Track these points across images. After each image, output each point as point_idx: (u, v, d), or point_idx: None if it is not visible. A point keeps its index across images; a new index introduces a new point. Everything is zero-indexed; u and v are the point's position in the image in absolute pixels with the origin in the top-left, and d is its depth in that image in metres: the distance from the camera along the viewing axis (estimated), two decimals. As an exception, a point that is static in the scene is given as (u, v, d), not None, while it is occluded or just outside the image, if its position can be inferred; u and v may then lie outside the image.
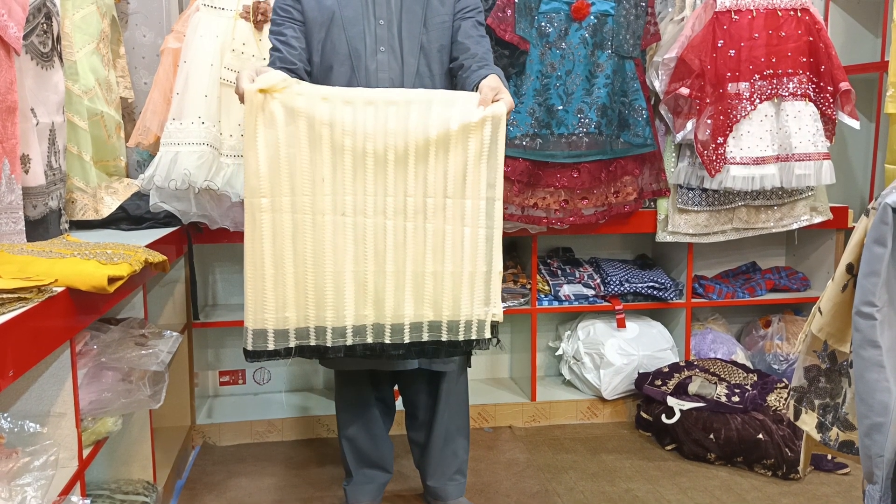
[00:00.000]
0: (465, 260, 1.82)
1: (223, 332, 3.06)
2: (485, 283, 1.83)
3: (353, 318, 1.82)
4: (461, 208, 1.81)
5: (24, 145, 1.80)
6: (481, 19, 2.14)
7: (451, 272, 1.82)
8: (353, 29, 2.03)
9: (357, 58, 2.03)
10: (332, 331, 1.82)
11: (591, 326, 3.08)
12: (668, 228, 2.94)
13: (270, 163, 1.76)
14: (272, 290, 1.79)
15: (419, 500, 2.40)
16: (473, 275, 1.82)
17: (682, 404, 2.73)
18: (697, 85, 2.73)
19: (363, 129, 1.78)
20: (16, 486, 1.25)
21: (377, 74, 2.03)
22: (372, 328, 1.83)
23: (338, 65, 2.03)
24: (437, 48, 2.07)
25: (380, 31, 2.04)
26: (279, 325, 1.81)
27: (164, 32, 2.80)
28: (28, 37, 1.83)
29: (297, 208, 1.78)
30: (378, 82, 2.02)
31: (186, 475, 2.59)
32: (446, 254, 1.82)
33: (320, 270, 1.80)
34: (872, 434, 1.18)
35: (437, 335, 1.84)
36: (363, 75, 2.03)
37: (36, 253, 1.57)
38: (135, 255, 1.68)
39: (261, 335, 1.82)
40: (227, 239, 2.68)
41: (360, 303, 1.82)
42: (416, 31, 2.05)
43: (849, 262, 1.26)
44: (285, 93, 1.76)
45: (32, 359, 1.29)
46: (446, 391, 2.23)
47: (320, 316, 1.82)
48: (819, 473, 2.57)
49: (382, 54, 2.04)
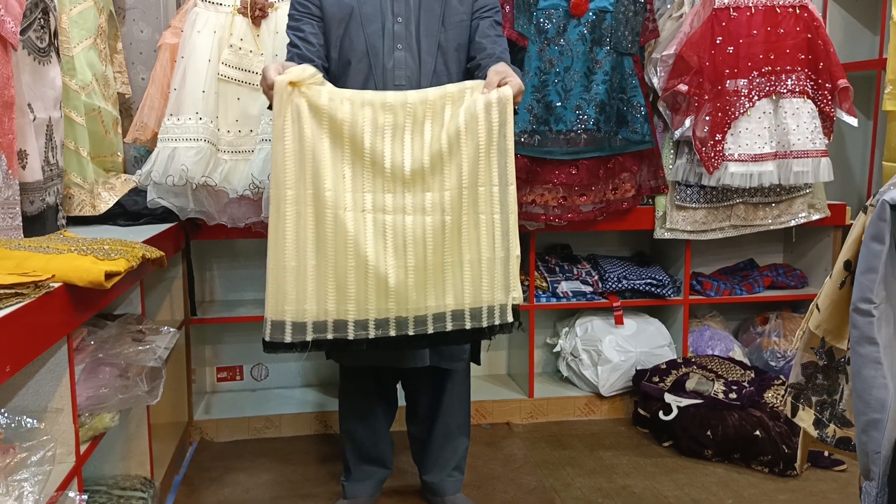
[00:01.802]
0: (482, 247, 1.82)
1: (220, 329, 3.06)
2: (503, 268, 1.83)
3: (375, 311, 1.81)
4: (475, 196, 1.82)
5: (22, 141, 1.80)
6: (499, 19, 2.14)
7: (469, 260, 1.83)
8: (371, 26, 2.04)
9: (375, 55, 2.04)
10: (354, 324, 1.81)
11: (588, 323, 3.08)
12: (666, 225, 2.94)
13: (296, 156, 1.77)
14: (293, 282, 1.78)
15: (417, 495, 2.40)
16: (492, 261, 1.83)
17: (679, 401, 2.74)
18: (696, 82, 2.73)
19: (381, 130, 1.80)
20: (13, 481, 1.25)
21: (394, 72, 2.04)
22: (395, 321, 1.82)
23: (355, 62, 2.04)
24: (455, 47, 2.08)
25: (398, 29, 2.04)
26: (298, 317, 1.79)
27: (161, 28, 2.79)
28: (25, 32, 1.82)
29: (319, 202, 1.78)
30: (395, 80, 2.03)
31: (184, 471, 2.59)
32: (464, 243, 1.82)
33: (342, 264, 1.79)
34: (869, 431, 1.18)
35: (461, 324, 1.83)
36: (380, 73, 2.04)
37: (33, 248, 1.57)
38: (132, 250, 1.67)
39: (279, 327, 1.79)
40: (224, 235, 2.68)
41: (382, 296, 1.80)
42: (434, 29, 2.05)
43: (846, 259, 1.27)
44: (312, 89, 1.78)
45: (29, 354, 1.29)
46: (450, 388, 2.24)
47: (340, 310, 1.80)
48: (816, 470, 2.57)
49: (400, 52, 2.04)
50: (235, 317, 2.90)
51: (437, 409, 2.25)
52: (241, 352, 3.13)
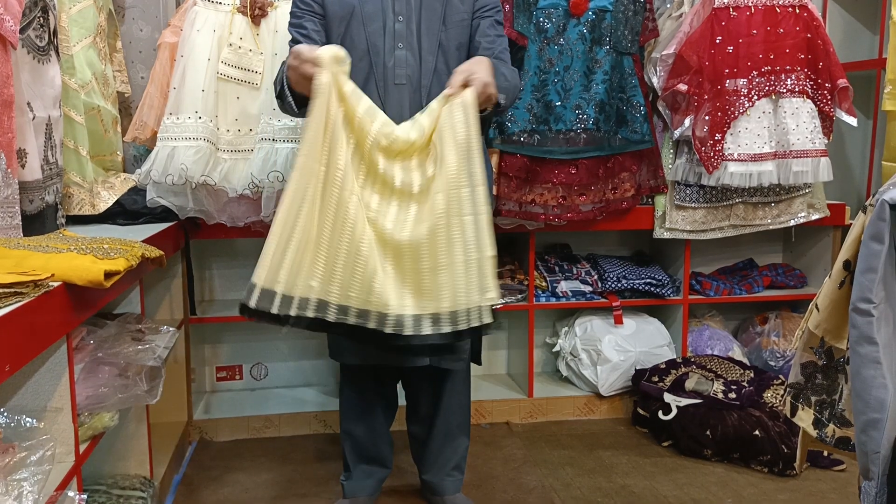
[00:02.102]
0: (456, 251, 1.82)
1: (220, 328, 3.06)
2: (478, 270, 1.82)
3: (357, 300, 1.81)
4: (447, 200, 1.81)
5: (21, 140, 1.80)
6: (500, 18, 2.15)
7: (446, 264, 1.82)
8: (372, 25, 2.04)
9: (376, 54, 2.05)
10: (336, 308, 1.80)
11: (588, 323, 3.08)
12: (666, 225, 2.94)
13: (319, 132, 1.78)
14: (292, 254, 1.78)
15: (417, 495, 2.40)
16: (468, 263, 1.82)
17: (678, 401, 2.74)
18: (695, 81, 2.73)
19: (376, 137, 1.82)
20: (12, 480, 1.25)
21: (395, 71, 2.05)
22: (376, 315, 1.82)
23: (356, 60, 2.02)
24: (456, 46, 2.08)
25: (398, 28, 2.05)
26: (288, 290, 1.79)
27: (161, 27, 2.79)
28: (25, 30, 1.82)
29: (329, 180, 1.79)
30: (396, 79, 2.04)
31: (183, 470, 2.59)
32: (439, 248, 1.82)
33: (335, 245, 1.79)
34: (869, 430, 1.18)
35: (439, 327, 1.84)
36: (381, 71, 2.05)
37: (32, 248, 1.57)
38: (131, 250, 1.67)
39: (268, 296, 1.78)
40: (224, 234, 2.68)
41: (367, 288, 1.80)
42: (435, 28, 2.06)
43: (846, 259, 1.27)
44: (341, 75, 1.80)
45: (29, 354, 1.29)
46: (450, 389, 2.23)
47: (324, 289, 1.80)
48: (815, 470, 2.57)
49: (401, 51, 2.05)
50: (235, 316, 2.86)
51: (437, 408, 2.25)
52: (240, 351, 3.13)
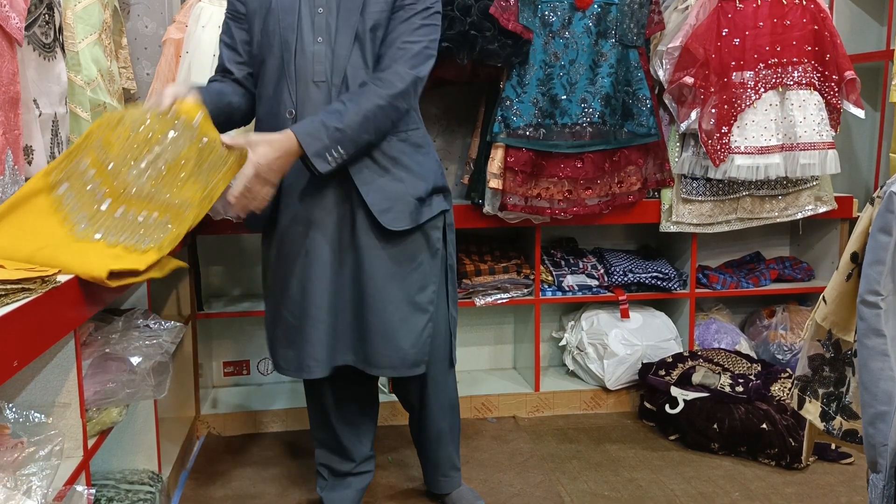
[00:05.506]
0: None
1: (227, 323, 3.07)
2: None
3: None
4: None
5: (27, 136, 1.80)
6: (426, 15, 1.91)
7: None
8: (287, 18, 1.88)
9: (287, 50, 1.88)
10: None
11: (594, 317, 3.08)
12: (672, 218, 2.93)
13: None
14: None
15: (417, 494, 2.40)
16: None
17: (685, 394, 2.73)
18: (702, 74, 2.72)
19: None
20: (21, 475, 1.26)
21: (313, 66, 1.88)
22: None
23: (270, 58, 1.90)
24: (371, 27, 1.89)
25: (317, 21, 1.88)
26: None
27: (166, 23, 2.79)
28: (30, 27, 1.82)
29: None
30: (314, 75, 1.89)
31: (191, 465, 2.60)
32: None
33: None
34: (876, 423, 1.18)
35: None
36: (292, 70, 1.88)
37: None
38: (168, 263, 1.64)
39: None
40: (230, 230, 2.68)
41: None
42: (353, 20, 1.88)
43: (853, 251, 1.26)
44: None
45: (37, 349, 1.30)
46: (432, 394, 2.17)
47: None
48: (823, 463, 2.57)
49: (319, 45, 1.88)
50: (242, 311, 2.91)
51: (424, 415, 2.20)
52: (247, 346, 3.14)
